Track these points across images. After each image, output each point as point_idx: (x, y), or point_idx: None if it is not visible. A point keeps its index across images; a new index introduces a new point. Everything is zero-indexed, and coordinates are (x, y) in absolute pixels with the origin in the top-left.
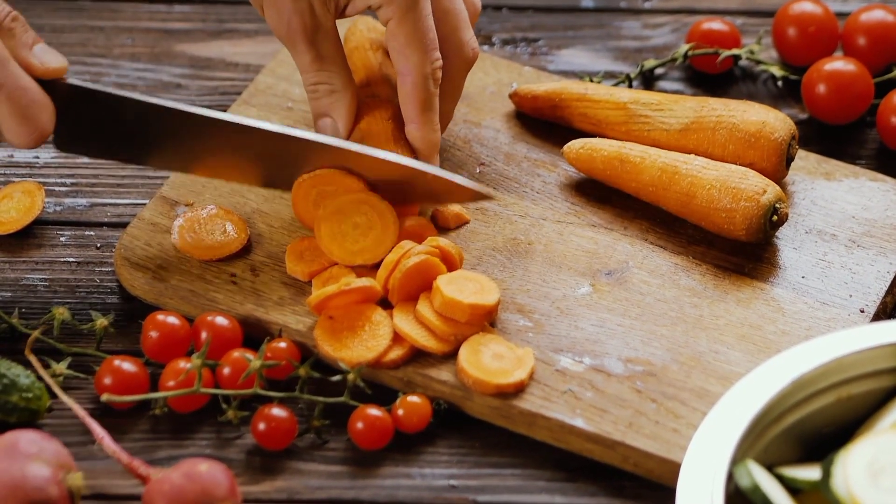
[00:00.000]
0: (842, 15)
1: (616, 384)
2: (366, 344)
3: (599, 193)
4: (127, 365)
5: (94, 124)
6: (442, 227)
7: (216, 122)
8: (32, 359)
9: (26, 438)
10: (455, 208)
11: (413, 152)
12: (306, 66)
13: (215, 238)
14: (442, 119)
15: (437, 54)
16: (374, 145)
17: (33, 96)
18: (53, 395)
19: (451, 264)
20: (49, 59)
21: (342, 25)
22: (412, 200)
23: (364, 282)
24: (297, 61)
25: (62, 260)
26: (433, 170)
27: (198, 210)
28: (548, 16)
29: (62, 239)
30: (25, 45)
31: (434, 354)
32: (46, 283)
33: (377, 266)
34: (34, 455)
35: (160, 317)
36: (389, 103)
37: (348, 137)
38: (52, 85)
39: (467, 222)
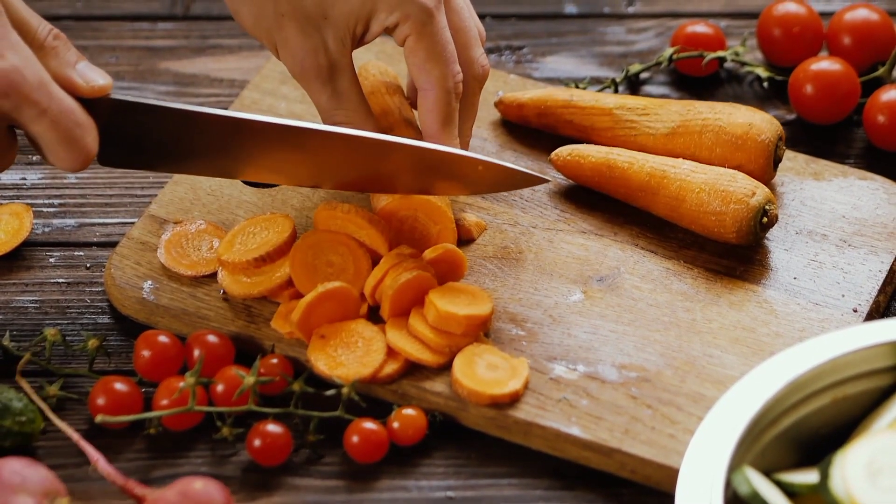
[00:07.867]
0: (826, 15)
1: (611, 391)
2: (361, 360)
3: (588, 200)
4: (120, 385)
5: (139, 137)
6: (466, 240)
7: (266, 127)
8: (23, 383)
9: (9, 469)
10: (473, 218)
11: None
12: (324, 105)
13: (201, 254)
14: (462, 140)
15: (458, 67)
16: None
17: (77, 119)
18: (47, 418)
19: (459, 269)
20: (94, 77)
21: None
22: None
23: (338, 284)
24: (315, 100)
25: (52, 281)
26: (485, 158)
27: (186, 226)
28: (531, 23)
29: (51, 260)
30: (69, 63)
31: (428, 367)
32: (37, 305)
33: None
34: (17, 486)
35: (152, 336)
36: None
37: None
38: (94, 101)
39: (485, 229)
